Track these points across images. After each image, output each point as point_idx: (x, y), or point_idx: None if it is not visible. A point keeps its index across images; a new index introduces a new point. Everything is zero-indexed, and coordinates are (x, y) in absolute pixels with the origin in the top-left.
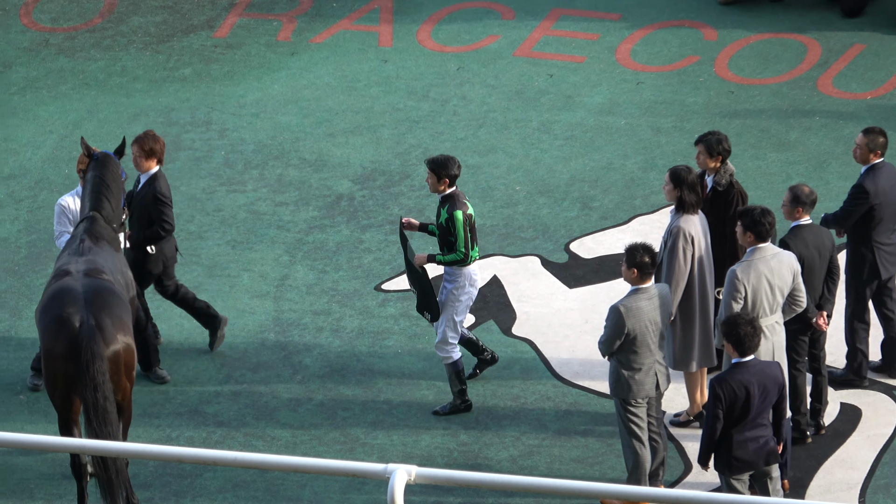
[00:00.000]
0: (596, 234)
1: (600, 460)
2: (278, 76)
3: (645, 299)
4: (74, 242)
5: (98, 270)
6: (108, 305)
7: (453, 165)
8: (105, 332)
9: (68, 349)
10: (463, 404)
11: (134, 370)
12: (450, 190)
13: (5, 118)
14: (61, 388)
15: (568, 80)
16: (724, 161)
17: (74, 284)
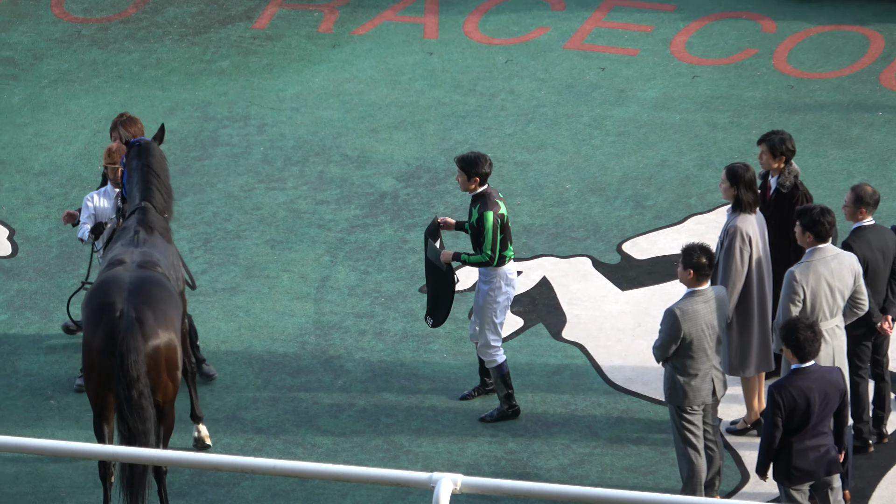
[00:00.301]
0: (649, 233)
1: (654, 469)
2: (319, 69)
3: (701, 302)
4: (128, 234)
5: (153, 263)
6: (153, 298)
7: (484, 163)
8: (145, 325)
9: (105, 341)
10: (510, 410)
11: (178, 370)
12: (481, 189)
13: (36, 112)
14: (95, 382)
15: (620, 73)
16: (788, 161)
17: (122, 275)
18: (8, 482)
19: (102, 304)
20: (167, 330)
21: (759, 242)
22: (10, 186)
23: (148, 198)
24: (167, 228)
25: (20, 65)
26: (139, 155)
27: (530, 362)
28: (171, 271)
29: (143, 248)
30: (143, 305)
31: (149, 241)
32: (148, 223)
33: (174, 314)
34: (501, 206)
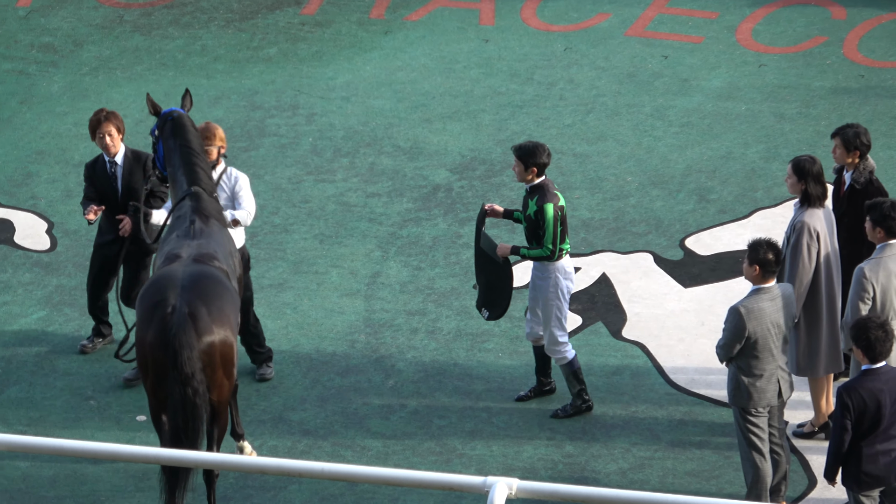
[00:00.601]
0: (714, 228)
1: (717, 474)
2: (370, 57)
3: (767, 300)
4: (183, 223)
5: (210, 256)
6: (208, 293)
7: (542, 153)
8: (199, 321)
9: (157, 338)
10: (584, 405)
11: (234, 368)
12: (538, 180)
13: (76, 101)
14: (151, 379)
15: (684, 62)
16: (863, 156)
17: (176, 271)
18: (46, 485)
19: (155, 300)
20: (222, 326)
21: (827, 238)
22: (48, 178)
23: (195, 181)
24: (220, 210)
25: (60, 51)
26: (175, 133)
27: (589, 362)
28: (229, 260)
29: (199, 240)
30: (196, 301)
31: (205, 230)
32: (202, 210)
33: (231, 310)
34: (560, 197)
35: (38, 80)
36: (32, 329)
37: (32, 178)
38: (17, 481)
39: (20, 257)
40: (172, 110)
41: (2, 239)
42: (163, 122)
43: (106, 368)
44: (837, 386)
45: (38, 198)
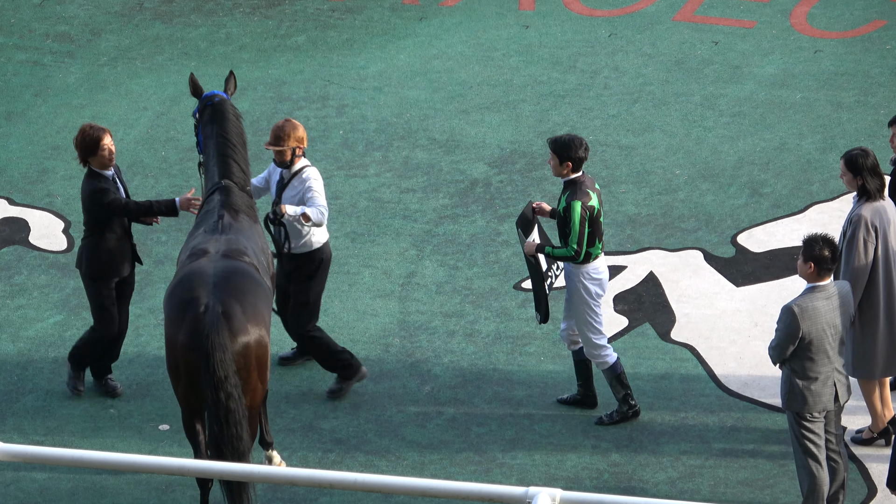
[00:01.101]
0: (767, 224)
1: (772, 483)
2: (404, 44)
3: (822, 299)
4: (211, 218)
5: (240, 252)
6: (241, 291)
7: (578, 147)
8: (233, 320)
9: (189, 338)
10: (630, 410)
11: (268, 371)
12: (574, 175)
13: (94, 93)
14: (184, 382)
15: (735, 48)
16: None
17: (206, 267)
18: (64, 498)
19: (186, 299)
20: (257, 325)
21: (888, 233)
22: (65, 174)
23: (227, 174)
24: (251, 206)
25: (77, 41)
26: (213, 119)
27: (636, 365)
28: (260, 257)
29: (228, 235)
30: (230, 299)
31: (234, 225)
32: (232, 205)
33: (264, 307)
34: (593, 197)
35: (54, 72)
36: (49, 334)
37: (48, 174)
38: (34, 494)
39: (35, 258)
40: (214, 94)
41: (16, 239)
42: (203, 105)
43: (127, 375)
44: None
45: (55, 195)
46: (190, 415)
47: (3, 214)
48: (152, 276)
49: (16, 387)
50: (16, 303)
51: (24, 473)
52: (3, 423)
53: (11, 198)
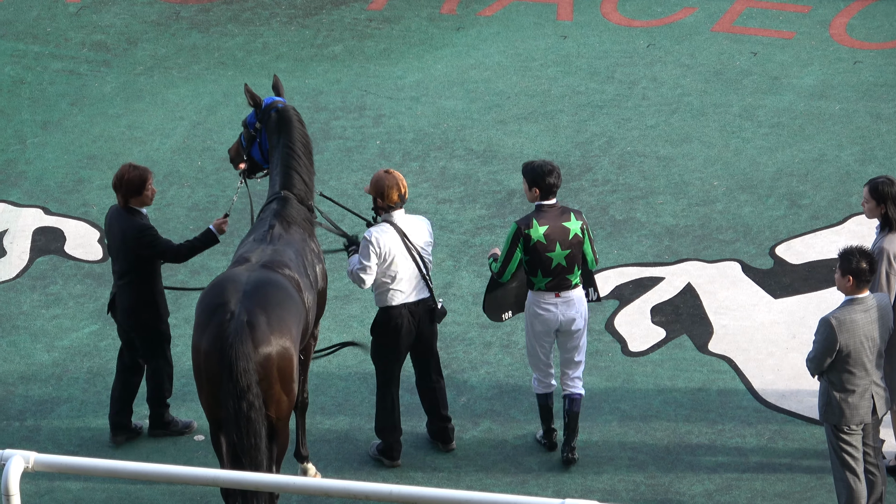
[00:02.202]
0: (806, 235)
1: (809, 496)
2: (442, 54)
3: (860, 311)
4: (262, 227)
5: (281, 264)
6: (269, 302)
7: (548, 174)
8: (257, 330)
9: (213, 345)
10: (544, 442)
11: (294, 383)
12: (541, 201)
13: (130, 102)
14: (206, 390)
15: (774, 58)
16: None
17: (241, 275)
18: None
19: (214, 304)
20: (281, 337)
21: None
22: (101, 184)
23: (288, 185)
24: (308, 219)
25: (113, 50)
26: (279, 128)
27: (673, 377)
28: (304, 271)
29: (275, 246)
30: (256, 308)
31: (284, 237)
32: (286, 216)
33: (292, 321)
34: (538, 228)
35: (90, 81)
36: (84, 344)
37: (84, 184)
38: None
39: (71, 268)
40: (276, 100)
41: (52, 248)
42: (267, 111)
43: None
44: None
45: (90, 205)
46: (216, 428)
47: (38, 224)
48: (188, 285)
49: (51, 397)
50: (51, 312)
51: (59, 484)
52: (37, 434)
53: (47, 207)
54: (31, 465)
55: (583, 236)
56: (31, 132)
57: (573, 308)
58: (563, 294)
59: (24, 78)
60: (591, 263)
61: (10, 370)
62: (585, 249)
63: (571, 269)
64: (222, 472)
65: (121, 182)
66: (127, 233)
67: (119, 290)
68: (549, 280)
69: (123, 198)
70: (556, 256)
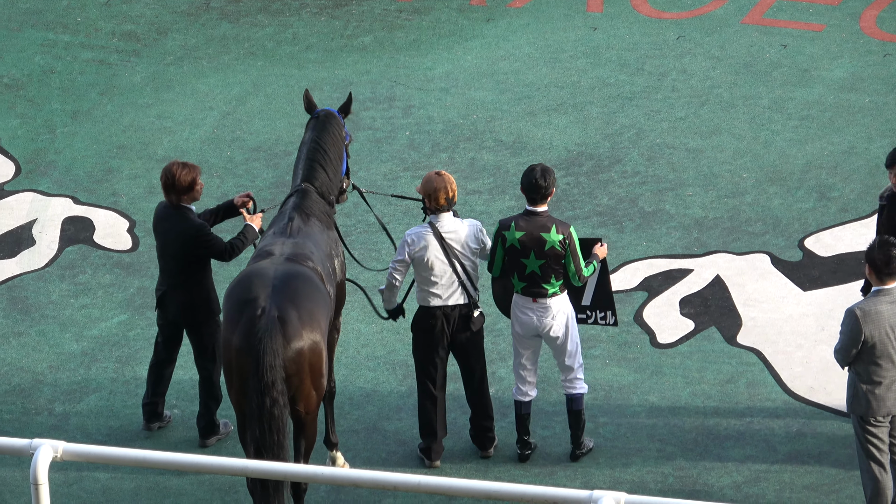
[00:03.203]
0: (835, 228)
1: (837, 488)
2: (471, 45)
3: (886, 302)
4: (282, 220)
5: (304, 256)
6: (299, 296)
7: (528, 178)
8: (288, 325)
9: (243, 341)
10: (520, 451)
11: (323, 378)
12: (527, 206)
13: (160, 92)
14: (236, 385)
15: (804, 51)
16: None
17: (268, 269)
18: (127, 498)
19: (244, 300)
20: (312, 331)
21: None
22: (130, 174)
23: (309, 178)
24: (328, 213)
25: (143, 40)
26: (314, 128)
27: (701, 369)
28: (326, 263)
29: (295, 239)
30: (287, 303)
31: (303, 230)
32: (305, 209)
33: (321, 315)
34: (514, 234)
35: (120, 71)
36: (113, 333)
37: (113, 173)
38: (97, 494)
39: (100, 257)
40: (325, 109)
41: (81, 238)
42: (309, 120)
43: (191, 375)
44: None
45: (120, 195)
46: (244, 422)
47: (68, 213)
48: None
49: (79, 386)
50: (80, 302)
51: (87, 473)
52: (66, 423)
53: (76, 197)
54: (59, 455)
55: (562, 250)
56: (60, 122)
57: (549, 315)
58: (540, 300)
59: (54, 67)
60: (572, 278)
61: (39, 359)
62: (566, 264)
63: (547, 279)
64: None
65: (173, 182)
66: (186, 233)
67: (171, 289)
68: (524, 285)
69: (176, 196)
70: (529, 264)
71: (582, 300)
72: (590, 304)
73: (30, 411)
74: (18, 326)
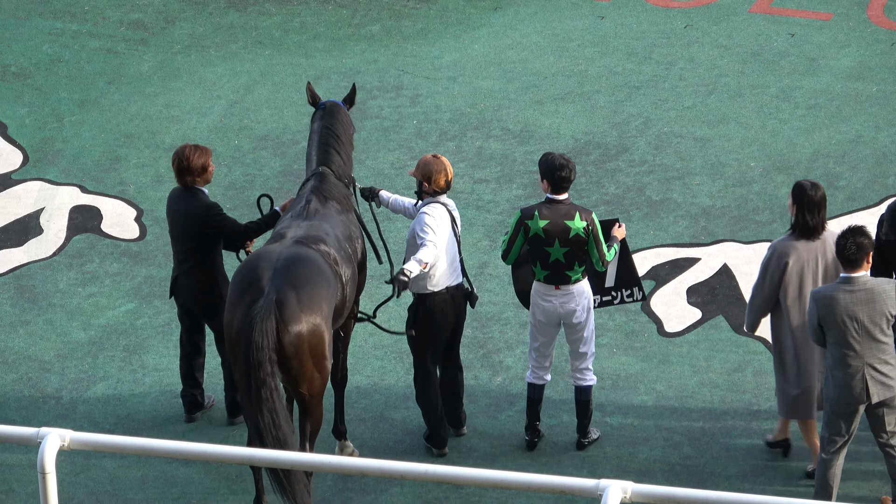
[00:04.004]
0: (842, 217)
1: (844, 477)
2: (479, 34)
3: (845, 290)
4: (300, 203)
5: (317, 239)
6: (301, 279)
7: (559, 169)
8: (286, 308)
9: (242, 322)
10: (528, 437)
11: (327, 360)
12: (551, 194)
13: (167, 81)
14: (241, 366)
15: (812, 40)
16: None
17: (274, 252)
18: (134, 487)
19: (246, 282)
20: (312, 314)
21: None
22: (138, 162)
23: (326, 161)
24: (346, 195)
25: (150, 29)
26: (322, 117)
27: (709, 357)
28: (342, 245)
29: (311, 221)
30: (286, 286)
31: (320, 212)
32: (323, 191)
33: (323, 298)
34: (539, 222)
35: (128, 59)
36: (120, 322)
37: (121, 162)
38: (104, 483)
39: (108, 246)
40: (330, 101)
41: (89, 227)
42: (316, 111)
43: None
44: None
45: (127, 184)
46: None
47: (75, 202)
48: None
49: (87, 375)
50: (87, 291)
51: (95, 462)
52: (73, 412)
53: (84, 186)
54: (67, 444)
55: (586, 237)
56: (68, 110)
57: (573, 301)
58: (563, 287)
59: (61, 56)
60: (596, 264)
61: (47, 348)
62: (590, 250)
63: (571, 266)
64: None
65: (187, 165)
66: (194, 212)
67: (182, 273)
68: (547, 273)
69: (191, 178)
70: (553, 252)
71: (605, 282)
72: (614, 285)
73: (37, 400)
74: (26, 315)
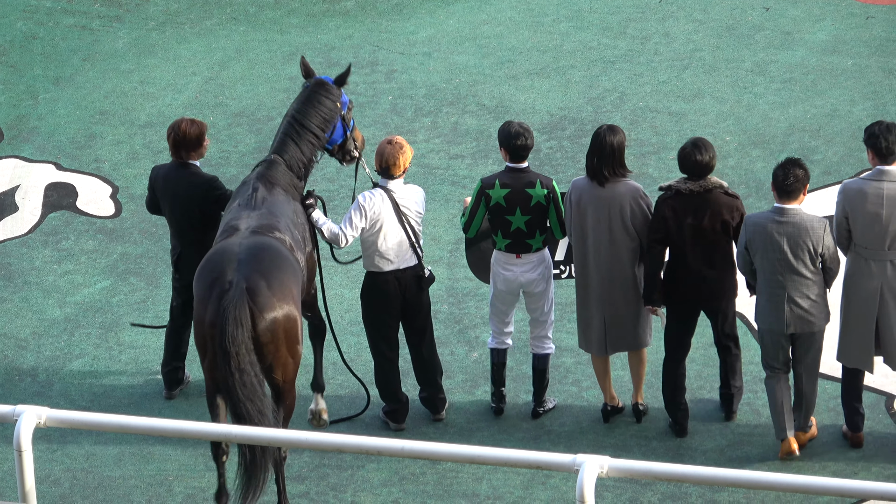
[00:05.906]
0: (818, 191)
1: (821, 450)
2: (454, 9)
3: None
4: (246, 190)
5: (271, 227)
6: (267, 267)
7: (514, 137)
8: (258, 296)
9: (214, 315)
10: (493, 404)
11: (299, 345)
12: (510, 163)
13: (142, 57)
14: (209, 357)
15: (787, 13)
16: None
17: (233, 245)
18: (111, 464)
19: (211, 278)
20: (284, 299)
21: None
22: (113, 139)
23: (280, 150)
24: (294, 185)
25: (125, 5)
26: (297, 100)
27: None
28: (293, 232)
29: (260, 210)
30: (255, 275)
31: (268, 199)
32: (269, 178)
33: (292, 283)
34: (499, 191)
35: (102, 36)
36: (96, 299)
37: (96, 139)
38: (80, 460)
39: (83, 223)
40: (317, 78)
41: (64, 204)
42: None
43: None
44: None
45: (102, 161)
46: (213, 389)
47: (50, 180)
48: None
49: (63, 352)
50: (63, 268)
51: (71, 439)
52: (49, 389)
53: (59, 163)
54: (43, 421)
55: (547, 204)
56: (42, 88)
57: (534, 270)
58: (524, 256)
59: (35, 33)
60: (556, 232)
61: (22, 326)
62: (550, 217)
63: (532, 234)
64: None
65: (183, 137)
66: (197, 187)
67: (186, 248)
68: (508, 242)
69: (186, 152)
70: (515, 220)
71: (555, 256)
72: (563, 259)
73: (13, 377)
74: (1, 293)
